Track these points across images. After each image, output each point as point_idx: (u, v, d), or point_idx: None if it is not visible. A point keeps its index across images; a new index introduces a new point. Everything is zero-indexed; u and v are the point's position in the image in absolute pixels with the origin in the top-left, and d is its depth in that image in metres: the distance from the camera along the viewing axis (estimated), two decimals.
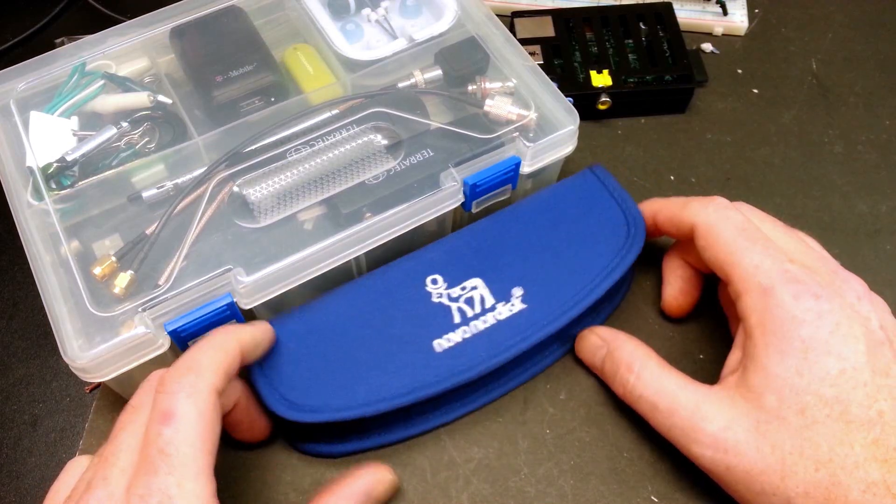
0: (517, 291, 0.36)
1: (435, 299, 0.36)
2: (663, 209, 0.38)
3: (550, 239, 0.38)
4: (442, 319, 0.35)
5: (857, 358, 0.30)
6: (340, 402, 0.33)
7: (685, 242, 0.39)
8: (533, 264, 0.37)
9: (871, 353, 0.30)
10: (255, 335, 0.33)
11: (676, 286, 0.40)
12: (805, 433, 0.29)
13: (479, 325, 0.35)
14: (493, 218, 0.39)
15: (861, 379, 0.30)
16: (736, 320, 0.35)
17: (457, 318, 0.35)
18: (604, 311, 0.40)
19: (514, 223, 0.39)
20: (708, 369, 0.39)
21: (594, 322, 0.39)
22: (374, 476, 0.33)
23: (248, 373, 0.34)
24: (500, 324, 0.35)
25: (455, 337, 0.35)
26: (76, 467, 0.30)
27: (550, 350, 0.39)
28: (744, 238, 0.33)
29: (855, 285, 0.32)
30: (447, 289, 0.36)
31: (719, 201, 0.36)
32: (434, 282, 0.36)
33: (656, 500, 0.35)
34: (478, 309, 0.36)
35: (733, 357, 0.34)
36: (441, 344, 0.35)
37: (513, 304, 0.36)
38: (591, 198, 0.39)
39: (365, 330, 0.35)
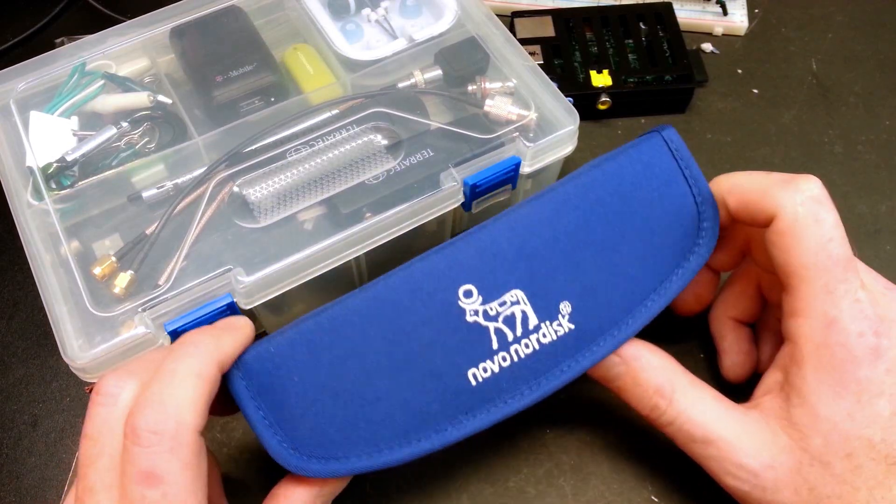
0: (565, 308, 0.30)
1: (469, 318, 0.30)
2: (736, 188, 0.32)
3: (606, 233, 0.31)
4: (478, 344, 0.30)
5: None
6: (361, 451, 0.28)
7: (733, 296, 0.35)
8: (584, 270, 0.31)
9: None
10: (239, 341, 0.29)
11: (736, 353, 0.36)
12: (847, 477, 0.28)
13: (521, 350, 0.30)
14: (539, 202, 0.32)
15: None
16: (768, 337, 0.33)
17: (495, 344, 0.30)
18: None
19: (563, 211, 0.31)
20: (708, 368, 0.39)
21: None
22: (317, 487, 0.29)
23: (241, 408, 0.29)
24: (543, 348, 0.30)
25: (493, 367, 0.30)
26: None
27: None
28: (825, 254, 0.29)
29: None
30: (483, 303, 0.30)
31: (812, 188, 0.30)
32: (468, 294, 0.30)
33: (656, 499, 0.35)
34: (519, 331, 0.30)
35: (771, 378, 0.31)
36: (477, 375, 0.29)
37: (559, 325, 0.30)
38: (657, 175, 0.32)
39: (385, 359, 0.29)
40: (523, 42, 0.48)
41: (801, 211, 0.29)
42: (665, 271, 0.31)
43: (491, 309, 0.30)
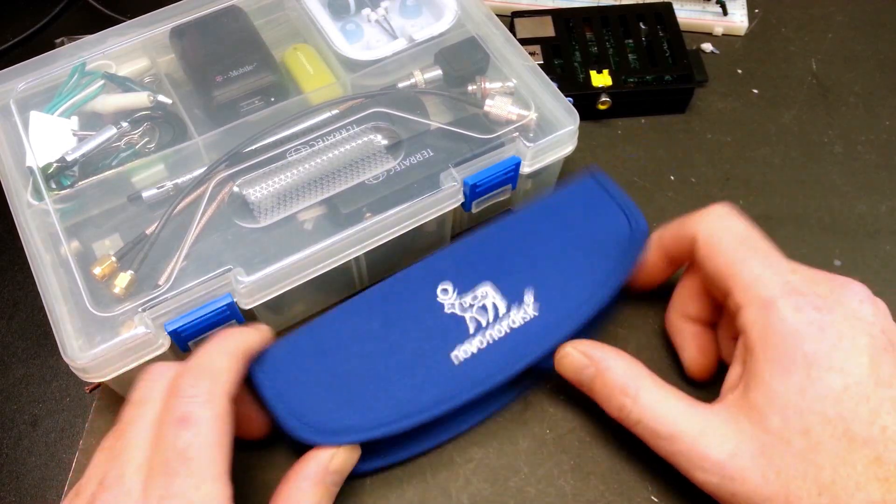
0: (529, 297, 0.36)
1: (447, 310, 0.35)
2: (667, 230, 0.37)
3: (556, 243, 0.38)
4: (456, 330, 0.35)
5: (860, 371, 0.29)
6: (364, 422, 0.33)
7: (681, 296, 0.37)
8: (541, 268, 0.37)
9: (874, 364, 0.29)
10: (262, 340, 0.33)
11: (692, 348, 0.37)
12: (809, 456, 0.29)
13: (495, 334, 0.35)
14: (498, 224, 0.38)
15: (864, 394, 0.29)
16: (729, 342, 0.35)
17: (471, 329, 0.35)
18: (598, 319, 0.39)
19: (518, 228, 0.38)
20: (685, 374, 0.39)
21: (591, 329, 0.39)
22: (327, 452, 0.32)
23: (261, 395, 0.33)
24: (515, 332, 0.35)
25: (471, 348, 0.35)
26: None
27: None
28: (745, 248, 0.32)
29: (856, 289, 0.32)
30: (458, 297, 0.36)
31: (719, 209, 0.34)
32: (444, 291, 0.36)
33: (656, 499, 0.35)
34: (491, 317, 0.35)
35: (734, 373, 0.33)
36: (458, 356, 0.34)
37: (525, 310, 0.35)
38: (592, 202, 0.39)
39: (380, 345, 0.34)
40: (523, 42, 0.48)
41: (714, 225, 0.34)
42: (612, 268, 0.37)
43: (465, 302, 0.36)
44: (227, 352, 0.31)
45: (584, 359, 0.35)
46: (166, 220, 0.36)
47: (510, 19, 0.50)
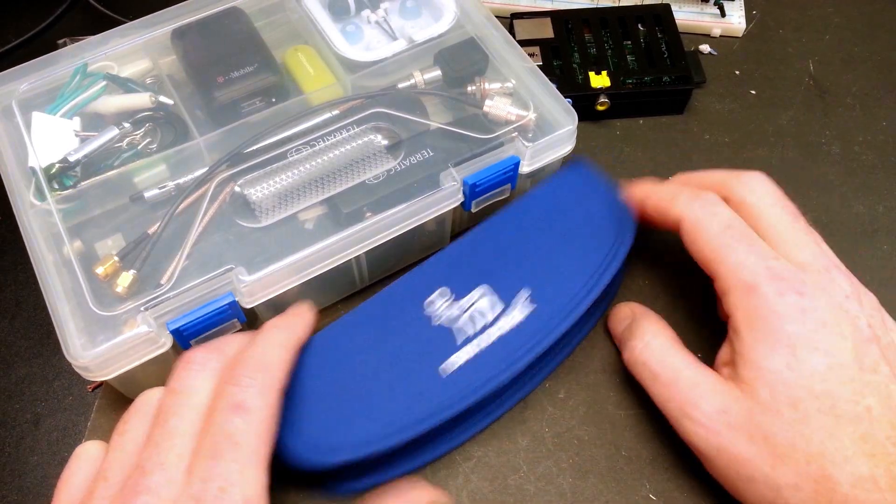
0: (524, 293, 0.35)
1: (435, 322, 0.35)
2: (651, 196, 0.37)
3: (547, 237, 0.37)
4: (443, 344, 0.34)
5: (843, 355, 0.30)
6: (357, 439, 0.32)
7: None
8: (534, 264, 0.36)
9: (857, 351, 0.30)
10: (308, 327, 0.34)
11: None
12: (797, 426, 0.30)
13: (489, 337, 0.34)
14: (490, 223, 0.38)
15: (848, 375, 0.30)
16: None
17: (460, 339, 0.34)
18: (599, 308, 0.40)
19: (510, 226, 0.38)
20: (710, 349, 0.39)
21: (592, 319, 0.40)
22: (428, 498, 0.33)
23: None
24: (511, 331, 0.34)
25: (460, 359, 0.34)
26: (85, 455, 0.30)
27: (561, 347, 0.38)
28: (729, 235, 0.33)
29: (843, 283, 0.32)
30: (453, 302, 0.35)
31: (708, 196, 0.35)
32: (432, 304, 0.35)
33: (654, 498, 0.35)
34: (489, 318, 0.35)
35: (724, 352, 0.34)
36: (446, 369, 0.33)
37: (522, 307, 0.35)
38: (579, 191, 0.39)
39: (371, 363, 0.34)
40: (522, 43, 0.48)
41: (699, 212, 0.35)
42: (603, 260, 0.36)
43: (456, 311, 0.35)
44: (280, 344, 0.32)
45: (629, 311, 0.39)
46: (168, 220, 0.37)
47: (509, 21, 0.51)
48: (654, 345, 0.35)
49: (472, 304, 0.35)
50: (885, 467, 0.29)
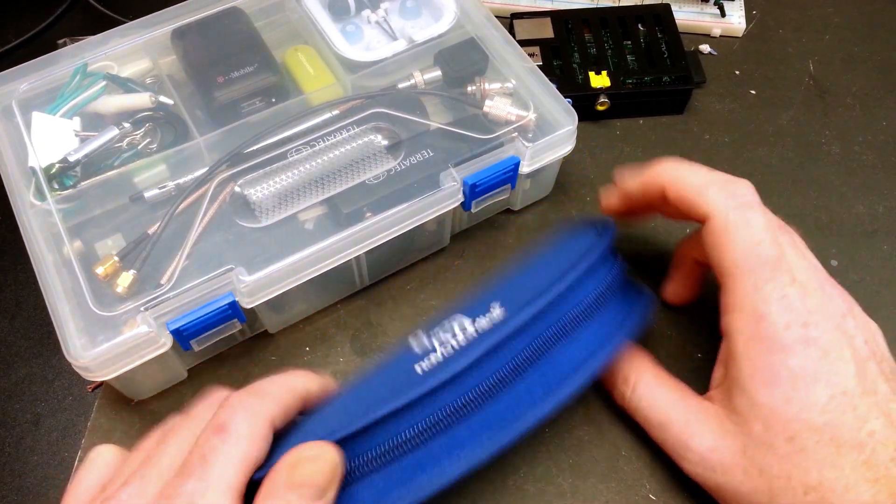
0: (495, 304, 0.32)
1: (419, 371, 0.31)
2: (678, 181, 0.34)
3: (527, 264, 0.35)
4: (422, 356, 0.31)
5: (846, 382, 0.29)
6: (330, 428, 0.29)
7: (696, 240, 0.36)
8: (511, 283, 0.34)
9: (860, 373, 0.30)
10: (321, 387, 0.32)
11: (679, 284, 0.39)
12: (794, 459, 0.29)
13: (461, 342, 0.31)
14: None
15: (851, 403, 0.29)
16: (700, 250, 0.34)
17: (439, 353, 0.31)
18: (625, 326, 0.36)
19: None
20: (706, 369, 0.39)
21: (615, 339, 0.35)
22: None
23: None
24: (483, 334, 0.32)
25: (435, 358, 0.31)
26: (99, 458, 0.30)
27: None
28: (755, 255, 0.31)
29: (838, 301, 0.32)
30: (429, 341, 0.32)
31: (744, 192, 0.32)
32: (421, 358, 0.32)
33: (654, 498, 0.35)
34: (460, 337, 0.32)
35: (718, 372, 0.34)
36: (422, 366, 0.31)
37: (492, 315, 0.32)
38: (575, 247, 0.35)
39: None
40: (522, 43, 0.48)
41: (732, 215, 0.32)
42: (578, 254, 0.34)
43: (437, 338, 0.31)
44: (283, 384, 0.30)
45: None
46: (168, 220, 0.37)
47: (509, 21, 0.51)
48: (640, 388, 0.34)
49: (451, 326, 0.32)
50: (889, 493, 0.28)
